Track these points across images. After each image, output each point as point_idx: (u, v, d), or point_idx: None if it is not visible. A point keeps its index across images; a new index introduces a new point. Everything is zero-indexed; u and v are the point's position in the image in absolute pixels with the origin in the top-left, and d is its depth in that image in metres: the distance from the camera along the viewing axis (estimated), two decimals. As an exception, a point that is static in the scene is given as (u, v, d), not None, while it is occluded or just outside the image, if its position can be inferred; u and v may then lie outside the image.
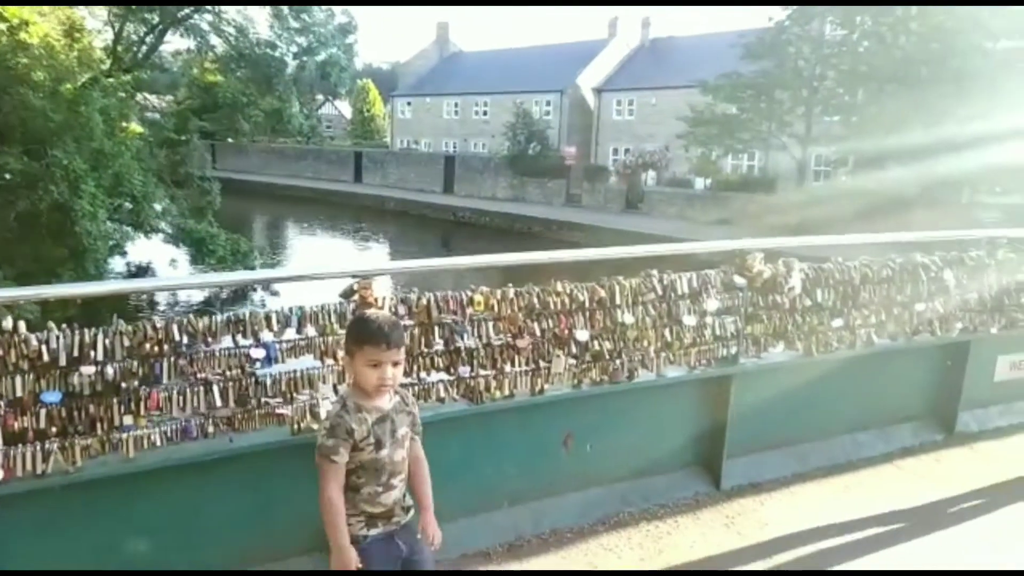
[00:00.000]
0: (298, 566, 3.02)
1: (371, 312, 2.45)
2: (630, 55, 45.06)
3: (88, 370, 2.50)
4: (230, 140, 46.03)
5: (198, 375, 2.69)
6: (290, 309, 2.82)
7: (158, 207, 18.29)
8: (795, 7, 27.81)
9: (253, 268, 18.41)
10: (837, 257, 4.15)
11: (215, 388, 2.71)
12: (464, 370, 3.21)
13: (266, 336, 2.76)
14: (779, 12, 28.34)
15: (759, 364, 3.97)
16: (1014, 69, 22.63)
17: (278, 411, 2.86)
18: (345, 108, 70.92)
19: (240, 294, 18.55)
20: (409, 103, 53.86)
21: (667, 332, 3.65)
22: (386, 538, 2.31)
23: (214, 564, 2.90)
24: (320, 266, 3.92)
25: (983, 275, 4.57)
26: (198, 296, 18.57)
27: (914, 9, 24.30)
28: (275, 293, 17.35)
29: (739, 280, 3.75)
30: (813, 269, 4.01)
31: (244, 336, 2.73)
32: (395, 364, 2.26)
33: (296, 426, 2.89)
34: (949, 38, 23.04)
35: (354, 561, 2.17)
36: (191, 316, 2.67)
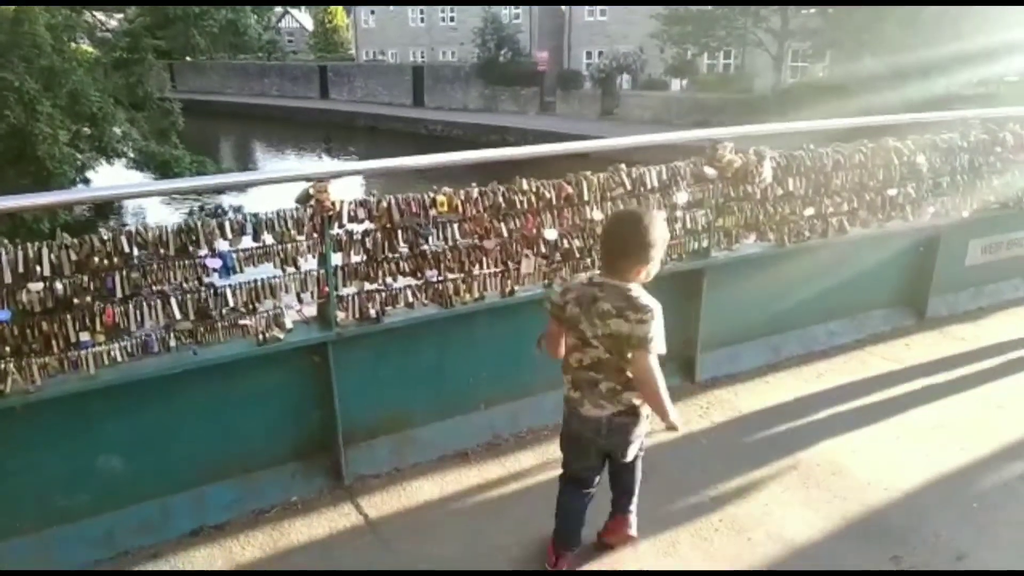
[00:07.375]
0: (267, 478, 3.03)
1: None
2: (601, -50, 43.22)
3: (36, 286, 2.41)
4: (188, 59, 44.18)
5: (154, 288, 2.60)
6: (244, 216, 2.71)
7: (118, 131, 17.65)
8: None
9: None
10: (809, 144, 4.06)
11: (173, 301, 2.63)
12: (431, 274, 3.15)
13: (221, 245, 2.66)
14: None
15: (731, 256, 3.93)
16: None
17: (241, 322, 2.80)
18: (306, 20, 67.97)
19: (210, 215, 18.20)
20: (372, 12, 51.66)
21: (637, 227, 3.57)
22: None
23: (184, 477, 2.89)
24: (275, 170, 3.77)
25: (956, 158, 4.51)
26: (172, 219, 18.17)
27: None
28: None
29: (709, 171, 3.66)
30: (784, 157, 3.92)
31: (198, 246, 2.63)
32: None
33: (261, 336, 2.83)
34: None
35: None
36: (139, 226, 2.55)
